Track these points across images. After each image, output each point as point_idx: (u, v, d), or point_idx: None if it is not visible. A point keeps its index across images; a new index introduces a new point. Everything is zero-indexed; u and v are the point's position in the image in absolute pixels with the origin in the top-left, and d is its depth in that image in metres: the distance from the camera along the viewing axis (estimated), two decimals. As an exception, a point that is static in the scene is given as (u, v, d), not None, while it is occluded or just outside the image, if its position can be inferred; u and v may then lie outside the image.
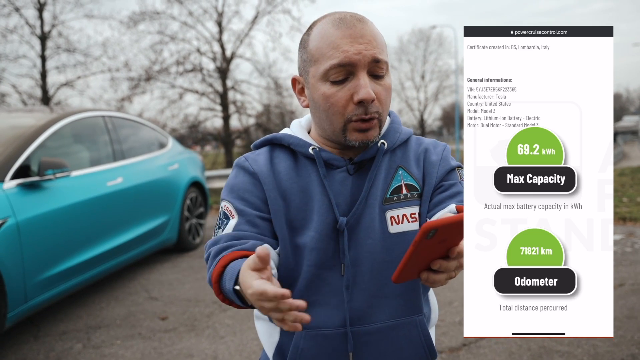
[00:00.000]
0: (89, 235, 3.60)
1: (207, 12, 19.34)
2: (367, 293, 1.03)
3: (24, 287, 2.93)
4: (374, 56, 0.96)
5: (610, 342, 2.72)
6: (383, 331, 1.04)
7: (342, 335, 1.03)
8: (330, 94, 0.98)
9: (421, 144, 1.11)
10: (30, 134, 3.42)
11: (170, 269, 4.69)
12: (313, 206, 1.02)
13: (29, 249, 2.97)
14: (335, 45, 0.96)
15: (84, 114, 4.17)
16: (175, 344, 3.00)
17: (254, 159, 1.08)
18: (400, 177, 1.05)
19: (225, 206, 1.04)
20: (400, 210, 1.04)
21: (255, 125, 20.07)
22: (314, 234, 1.01)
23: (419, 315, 1.07)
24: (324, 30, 0.99)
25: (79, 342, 3.07)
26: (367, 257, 1.02)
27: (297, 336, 1.04)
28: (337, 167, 1.04)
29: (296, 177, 1.04)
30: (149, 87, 19.09)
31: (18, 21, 21.62)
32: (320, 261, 1.02)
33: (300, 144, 1.06)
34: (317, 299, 1.03)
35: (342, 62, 0.95)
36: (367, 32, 0.98)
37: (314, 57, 1.00)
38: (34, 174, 3.21)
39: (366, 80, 0.96)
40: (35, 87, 18.82)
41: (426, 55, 36.38)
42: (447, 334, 2.94)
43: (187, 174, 5.31)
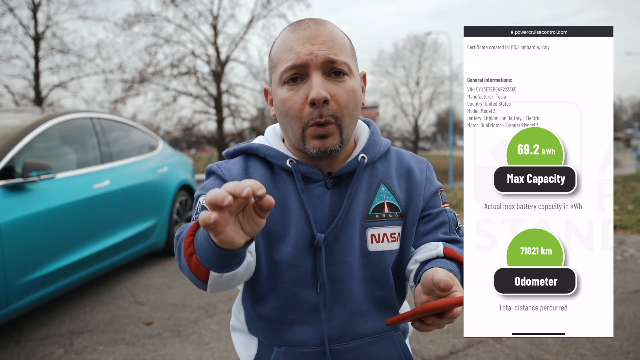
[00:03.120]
0: (74, 238, 3.54)
1: (203, 15, 19.38)
2: (347, 310, 1.02)
3: (5, 290, 2.88)
4: (327, 56, 0.93)
5: (598, 352, 2.70)
6: (362, 348, 1.03)
7: (321, 353, 1.02)
8: (287, 98, 0.95)
9: (403, 160, 1.09)
10: (15, 135, 3.37)
11: (158, 272, 4.64)
12: (290, 221, 1.00)
13: (10, 251, 2.91)
14: (290, 47, 0.95)
15: (72, 115, 4.12)
16: (159, 350, 2.95)
17: (227, 167, 1.04)
18: (383, 195, 1.03)
19: (203, 200, 0.98)
20: (381, 229, 1.02)
21: (250, 128, 20.07)
22: (291, 249, 0.99)
23: (396, 330, 1.07)
24: (283, 35, 0.99)
25: (61, 347, 3.02)
26: (346, 274, 1.01)
27: (275, 352, 1.03)
28: (315, 181, 1.00)
29: (273, 189, 1.01)
30: (142, 89, 19.09)
31: (12, 21, 21.57)
32: (298, 278, 1.00)
33: (277, 156, 1.02)
34: (295, 318, 1.02)
35: (295, 63, 0.94)
36: (323, 33, 0.95)
37: (274, 62, 0.99)
38: (17, 176, 3.16)
39: (319, 80, 0.93)
40: (28, 87, 18.77)
41: (421, 62, 36.60)
42: (434, 342, 2.91)
43: (176, 177, 5.26)
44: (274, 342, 1.03)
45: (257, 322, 1.06)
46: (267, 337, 1.05)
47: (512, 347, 2.79)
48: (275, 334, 1.03)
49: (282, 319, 1.02)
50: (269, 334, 1.04)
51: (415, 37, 36.92)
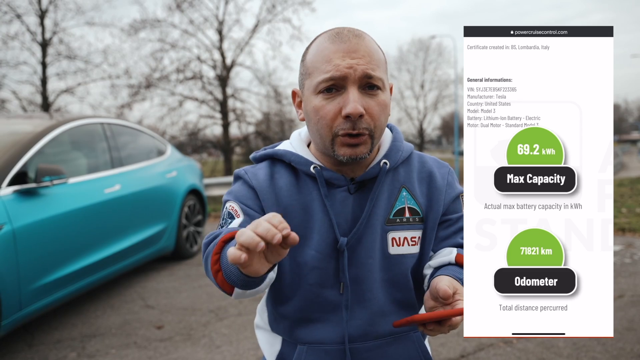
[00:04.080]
0: (86, 242, 3.57)
1: (208, 20, 19.44)
2: (368, 311, 1.05)
3: (19, 294, 2.91)
4: (365, 71, 0.95)
5: (609, 355, 2.70)
6: (382, 347, 1.06)
7: (342, 351, 1.05)
8: (320, 107, 0.97)
9: (425, 164, 1.10)
10: (28, 141, 3.41)
11: (167, 277, 4.67)
12: (314, 225, 1.03)
13: (24, 256, 2.94)
14: (329, 59, 0.96)
15: (82, 120, 4.16)
16: (171, 354, 2.97)
17: (253, 173, 1.08)
18: (404, 199, 1.05)
19: (230, 206, 1.04)
20: (402, 233, 1.04)
21: (255, 133, 20.09)
22: (315, 253, 1.02)
23: (415, 331, 1.09)
24: (320, 44, 1.00)
25: (74, 351, 3.04)
26: (367, 276, 1.03)
27: (299, 350, 1.06)
28: (338, 186, 1.03)
29: (297, 194, 1.04)
30: (149, 94, 19.14)
31: (19, 28, 21.73)
32: (321, 280, 1.03)
33: (301, 162, 1.05)
34: (318, 316, 1.05)
35: (333, 75, 0.95)
36: (362, 47, 0.97)
37: (309, 70, 1.01)
38: (31, 181, 3.20)
39: (355, 94, 0.95)
40: (36, 93, 18.85)
41: (425, 65, 36.51)
42: (445, 345, 2.91)
43: (185, 181, 5.29)
44: (297, 339, 1.07)
45: (280, 322, 1.10)
46: (290, 335, 1.08)
47: (523, 350, 2.78)
48: (298, 332, 1.06)
49: (305, 318, 1.06)
50: (292, 333, 1.08)
51: (420, 40, 36.95)
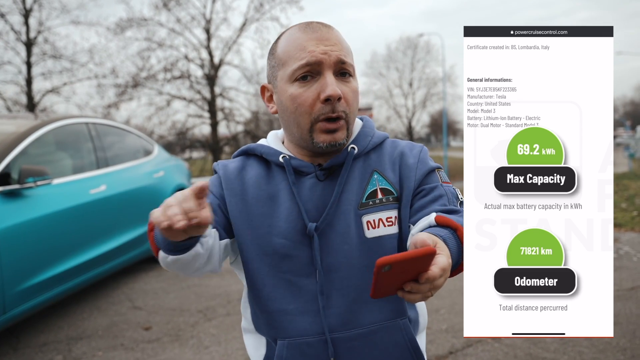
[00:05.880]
0: (71, 243, 3.53)
1: (195, 19, 19.35)
2: (347, 299, 1.02)
3: (3, 297, 2.86)
4: (339, 57, 1.00)
5: (596, 349, 2.73)
6: (367, 336, 1.03)
7: (324, 342, 1.02)
8: (298, 94, 0.99)
9: (397, 147, 1.10)
10: (11, 141, 3.36)
11: (155, 277, 4.63)
12: (280, 213, 1.03)
13: (8, 258, 2.90)
14: (302, 47, 1.00)
15: (67, 120, 4.11)
16: (159, 355, 2.94)
17: (224, 165, 1.12)
18: (376, 182, 1.05)
19: None
20: (376, 215, 1.03)
21: (244, 132, 20.03)
22: (283, 240, 1.02)
23: (402, 318, 1.05)
24: (291, 35, 1.03)
25: (59, 354, 3.00)
26: (344, 263, 1.02)
27: (279, 345, 1.03)
28: (306, 174, 1.04)
29: (265, 185, 1.06)
30: (136, 93, 19.01)
31: (3, 27, 21.40)
32: (296, 268, 1.02)
33: (270, 152, 1.08)
34: (294, 307, 1.03)
35: (309, 61, 0.98)
36: (333, 36, 1.02)
37: (282, 60, 1.03)
38: (14, 182, 3.14)
39: (332, 78, 0.99)
40: (21, 93, 18.64)
41: (414, 63, 36.67)
42: (434, 342, 2.92)
43: (172, 181, 5.25)
44: (277, 335, 1.04)
45: (260, 317, 1.07)
46: (270, 331, 1.06)
47: (511, 346, 2.80)
48: (277, 326, 1.04)
49: (282, 309, 1.03)
50: (271, 328, 1.05)
51: (408, 38, 37.01)
